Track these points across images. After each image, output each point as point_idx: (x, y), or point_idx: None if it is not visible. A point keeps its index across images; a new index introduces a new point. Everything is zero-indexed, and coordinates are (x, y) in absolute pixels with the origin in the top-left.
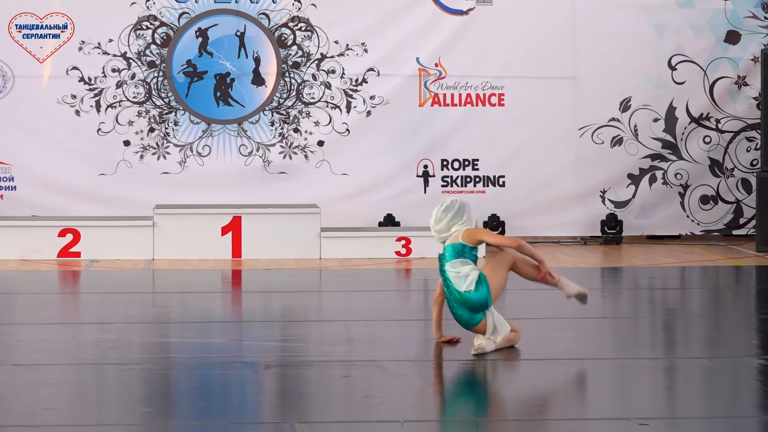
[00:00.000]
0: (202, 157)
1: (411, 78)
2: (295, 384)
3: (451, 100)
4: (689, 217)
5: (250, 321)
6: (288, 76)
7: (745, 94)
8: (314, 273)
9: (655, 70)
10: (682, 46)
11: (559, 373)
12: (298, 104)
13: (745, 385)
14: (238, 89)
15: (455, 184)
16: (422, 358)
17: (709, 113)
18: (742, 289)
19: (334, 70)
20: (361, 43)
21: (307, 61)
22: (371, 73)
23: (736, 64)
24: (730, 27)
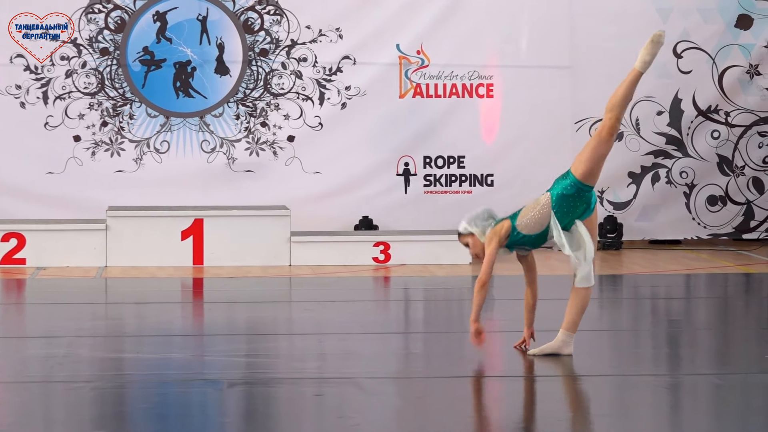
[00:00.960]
0: (160, 154)
1: (390, 67)
2: (263, 403)
3: (434, 90)
4: (695, 220)
5: (213, 334)
6: (255, 65)
7: (757, 84)
8: (283, 281)
9: (659, 58)
10: (689, 32)
11: (553, 390)
12: (266, 96)
13: (757, 404)
14: (200, 79)
15: (439, 184)
16: (402, 374)
17: (718, 105)
18: (753, 299)
19: (306, 58)
20: (336, 29)
21: (276, 48)
22: (347, 62)
23: (747, 52)
24: (742, 11)
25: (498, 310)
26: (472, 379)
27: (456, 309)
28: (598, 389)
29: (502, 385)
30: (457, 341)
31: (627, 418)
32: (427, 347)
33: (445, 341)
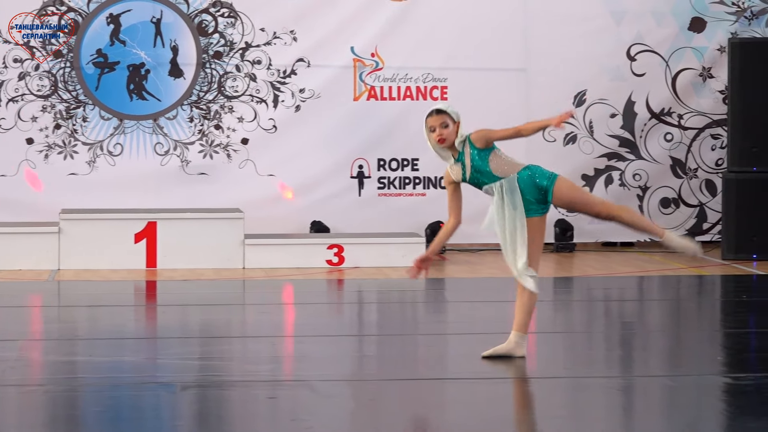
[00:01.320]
0: (113, 157)
1: (345, 69)
2: (216, 406)
3: (389, 93)
4: None
5: (166, 337)
6: (209, 67)
7: (710, 87)
8: (237, 284)
9: (613, 61)
10: (643, 35)
11: (505, 392)
12: (220, 98)
13: (709, 406)
14: (154, 81)
15: (393, 186)
16: (355, 377)
17: (671, 108)
18: (706, 301)
19: (260, 61)
20: (290, 31)
21: (230, 50)
22: (301, 64)
23: (701, 55)
24: (695, 14)
25: (451, 312)
26: (426, 381)
27: (410, 311)
28: (550, 391)
29: (455, 388)
30: (411, 344)
31: (579, 420)
32: (380, 350)
33: (399, 344)
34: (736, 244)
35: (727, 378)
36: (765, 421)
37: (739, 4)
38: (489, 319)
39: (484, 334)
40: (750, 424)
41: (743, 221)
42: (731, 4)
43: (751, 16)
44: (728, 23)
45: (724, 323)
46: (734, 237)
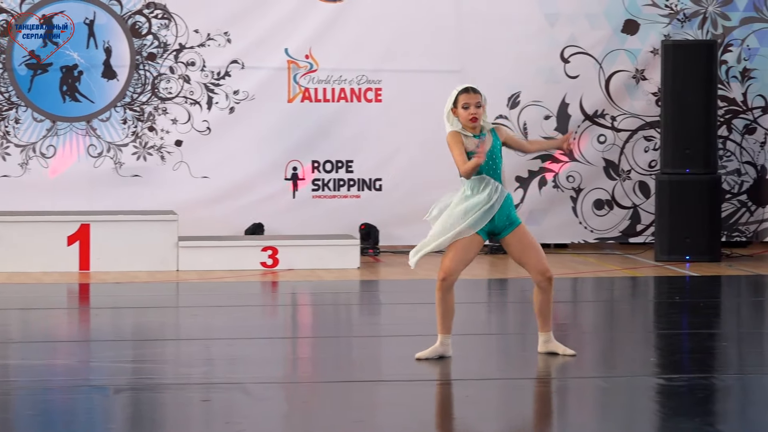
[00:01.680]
0: (46, 159)
1: (279, 71)
2: (149, 409)
3: (323, 95)
4: (582, 224)
5: (100, 340)
6: (142, 69)
7: (643, 89)
8: (171, 287)
9: (547, 63)
10: (576, 37)
11: (439, 395)
12: (153, 100)
13: (642, 407)
14: (87, 83)
15: (327, 188)
16: (289, 379)
17: (605, 110)
18: (639, 302)
19: (194, 62)
20: (224, 33)
21: (164, 52)
22: (235, 66)
23: (634, 57)
24: (628, 16)
25: (385, 315)
26: (359, 383)
27: (344, 313)
28: (485, 393)
29: (388, 390)
30: (345, 346)
31: (513, 421)
32: (314, 352)
33: (333, 346)
34: (669, 246)
35: (660, 379)
36: (698, 421)
37: (672, 6)
38: (423, 321)
39: (418, 336)
40: (683, 425)
41: (676, 223)
42: (664, 6)
43: (684, 19)
44: (661, 25)
45: (657, 325)
46: (667, 238)
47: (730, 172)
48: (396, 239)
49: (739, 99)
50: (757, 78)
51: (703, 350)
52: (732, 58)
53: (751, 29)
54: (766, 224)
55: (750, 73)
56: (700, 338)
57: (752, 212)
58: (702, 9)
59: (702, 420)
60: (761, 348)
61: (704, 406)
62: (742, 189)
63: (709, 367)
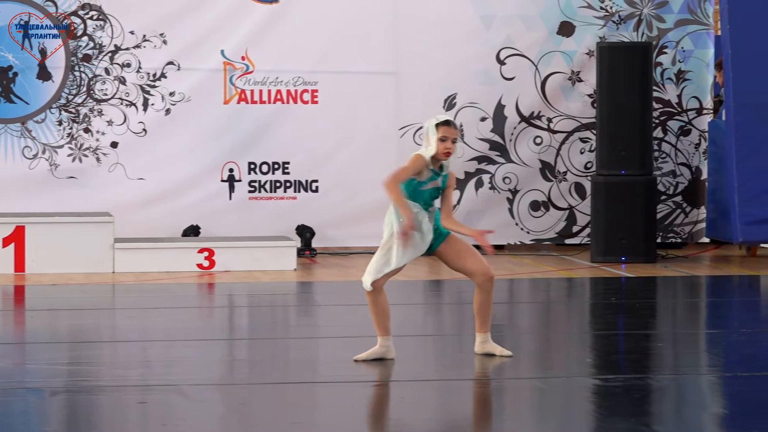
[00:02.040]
0: None
1: (215, 73)
2: (86, 412)
3: (259, 96)
4: (518, 225)
5: (35, 342)
6: (78, 70)
7: (579, 90)
8: (107, 288)
9: (483, 65)
10: (512, 39)
11: (376, 396)
12: (89, 101)
13: (579, 408)
14: (22, 84)
15: (264, 190)
16: (226, 381)
17: (541, 112)
18: (576, 303)
19: (130, 64)
20: (160, 34)
21: (100, 53)
22: (171, 67)
23: (569, 59)
24: (564, 18)
25: (322, 316)
26: (296, 385)
27: (280, 315)
28: (421, 394)
29: (325, 391)
30: (282, 347)
31: (450, 422)
32: (251, 354)
33: (270, 347)
34: (605, 247)
35: (596, 380)
36: (633, 422)
37: (607, 8)
38: (360, 323)
39: (354, 337)
40: (619, 425)
41: (612, 224)
42: (599, 8)
43: (619, 21)
44: (596, 27)
45: (594, 325)
46: (603, 240)
47: (666, 174)
48: (333, 240)
49: (674, 101)
50: (691, 80)
51: (638, 351)
52: (667, 60)
53: (686, 31)
54: (701, 225)
55: (685, 75)
56: (636, 339)
57: (687, 213)
58: (637, 11)
59: (638, 420)
60: (696, 348)
61: (640, 407)
62: (678, 190)
63: (645, 367)
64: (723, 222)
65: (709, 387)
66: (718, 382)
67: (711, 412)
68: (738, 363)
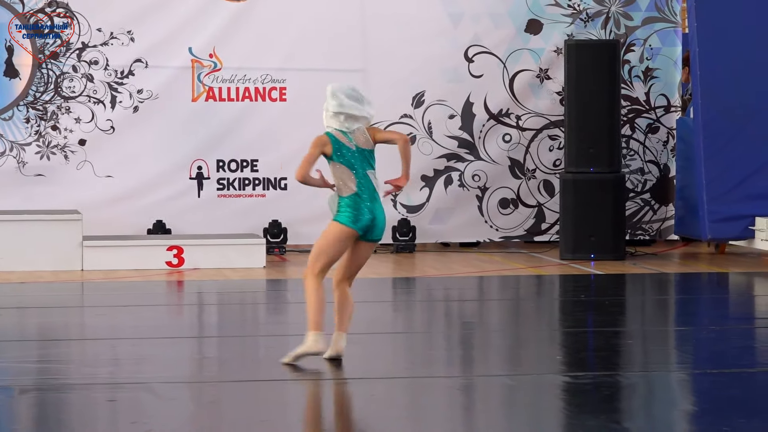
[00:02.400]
0: None
1: (183, 70)
2: (55, 410)
3: (227, 94)
4: (488, 223)
5: (3, 340)
6: (45, 68)
7: (547, 88)
8: (75, 286)
9: (451, 63)
10: (480, 37)
11: (346, 393)
12: (56, 99)
13: (548, 404)
14: None
15: (233, 187)
16: (196, 379)
17: (509, 109)
18: (545, 300)
19: (97, 61)
20: (128, 31)
21: (67, 51)
22: (138, 65)
23: (537, 56)
24: (531, 16)
25: (292, 313)
26: (266, 382)
27: (250, 313)
28: (391, 392)
29: (295, 389)
30: (251, 345)
31: (420, 420)
32: (220, 351)
33: (239, 345)
34: (574, 244)
35: (566, 377)
36: (603, 419)
37: (575, 6)
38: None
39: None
40: (589, 422)
41: (581, 221)
42: (567, 6)
43: (587, 18)
44: (564, 25)
45: (563, 323)
46: (572, 237)
47: (634, 171)
48: (302, 237)
49: (642, 98)
50: (659, 77)
51: (608, 348)
52: (635, 57)
53: (653, 29)
54: (669, 222)
55: (653, 73)
56: (606, 336)
57: (656, 211)
58: (605, 9)
59: (607, 417)
60: (666, 346)
61: (610, 404)
62: (646, 188)
63: (615, 364)
64: (691, 219)
65: (678, 384)
66: (688, 379)
67: (681, 408)
68: (707, 360)
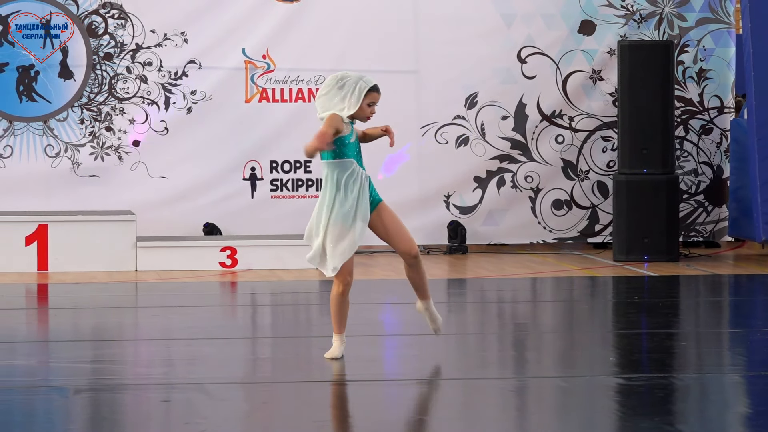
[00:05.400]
0: (3, 159)
1: (236, 71)
2: (109, 410)
3: (280, 95)
4: (541, 224)
5: (58, 340)
6: (99, 69)
7: (600, 89)
8: (129, 287)
9: (504, 64)
10: (533, 37)
11: (399, 395)
12: (110, 100)
13: (601, 407)
14: (44, 83)
15: (286, 188)
16: (249, 380)
17: (562, 110)
18: (598, 302)
19: (151, 62)
20: (181, 33)
21: (121, 52)
22: (192, 66)
23: (590, 57)
24: (585, 16)
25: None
26: (319, 383)
27: (303, 314)
28: (444, 393)
29: (348, 390)
30: (304, 346)
31: (473, 422)
32: (274, 352)
33: (292, 346)
34: (628, 246)
35: (619, 379)
36: (656, 421)
37: (628, 7)
38: (381, 321)
39: (376, 336)
40: (642, 424)
41: (634, 223)
42: (620, 7)
43: (640, 19)
44: (618, 26)
45: (616, 324)
46: (625, 239)
47: (688, 173)
48: None
49: (695, 99)
50: (713, 78)
51: (662, 350)
52: (688, 58)
53: (707, 30)
54: (723, 224)
55: (706, 74)
56: (659, 338)
57: (709, 212)
58: (658, 10)
59: (661, 419)
60: (719, 347)
61: (663, 406)
62: (699, 189)
63: (668, 366)
64: (745, 220)
65: (732, 386)
66: (742, 381)
67: (735, 411)
68: (761, 362)
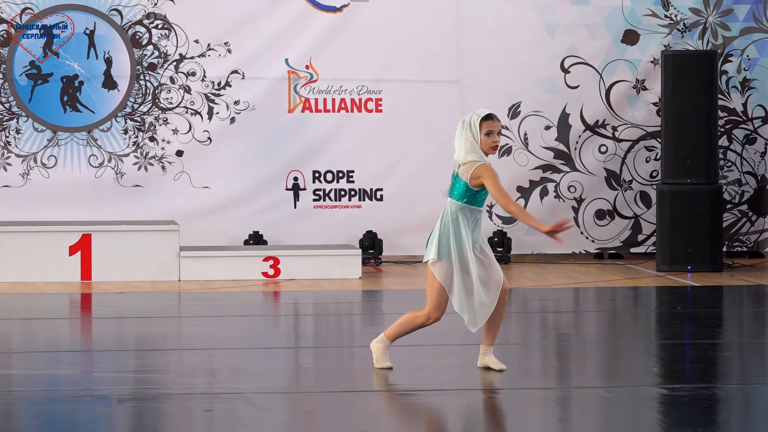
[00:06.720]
0: (47, 169)
1: (279, 81)
2: (152, 419)
3: (323, 105)
4: (584, 234)
5: (102, 350)
6: (143, 79)
7: (644, 99)
8: (173, 296)
9: (547, 73)
10: (576, 47)
11: (443, 405)
12: (154, 110)
13: (645, 417)
14: (88, 93)
15: (328, 198)
16: (291, 389)
17: (606, 120)
18: (642, 312)
19: (195, 73)
20: (225, 43)
21: (165, 62)
22: (235, 76)
23: (634, 67)
24: (628, 26)
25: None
26: (362, 393)
27: (346, 323)
28: (487, 403)
29: (390, 400)
30: (347, 356)
31: (516, 431)
32: (316, 362)
33: (335, 356)
34: (671, 256)
35: (662, 389)
36: (700, 431)
37: (672, 16)
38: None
39: (420, 346)
40: None
41: (677, 233)
42: (664, 16)
43: (684, 29)
44: (661, 36)
45: (660, 334)
46: (669, 249)
47: (731, 183)
48: (398, 249)
49: (739, 109)
50: (757, 88)
51: (705, 360)
52: (732, 68)
53: (751, 39)
54: (766, 234)
55: (750, 83)
56: (703, 348)
57: (753, 222)
58: (702, 19)
59: (705, 430)
60: (763, 358)
61: (707, 416)
62: (743, 199)
63: (712, 377)
64: None
65: None
66: None
67: None
68: None
